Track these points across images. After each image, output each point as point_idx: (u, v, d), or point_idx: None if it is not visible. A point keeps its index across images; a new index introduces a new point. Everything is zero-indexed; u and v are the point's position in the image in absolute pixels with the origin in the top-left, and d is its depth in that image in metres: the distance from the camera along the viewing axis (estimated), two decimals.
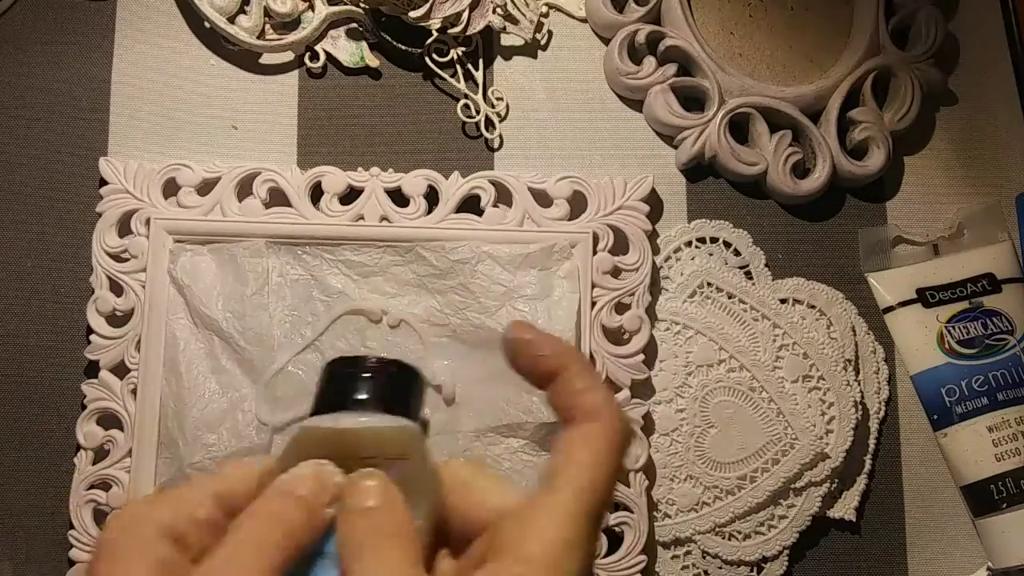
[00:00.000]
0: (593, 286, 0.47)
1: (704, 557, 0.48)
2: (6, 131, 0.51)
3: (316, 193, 0.49)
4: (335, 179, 0.48)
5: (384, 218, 0.48)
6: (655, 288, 0.49)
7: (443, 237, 0.47)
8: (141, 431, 0.46)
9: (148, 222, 0.47)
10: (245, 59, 0.51)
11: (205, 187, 0.48)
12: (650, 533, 0.48)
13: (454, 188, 0.48)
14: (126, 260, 0.48)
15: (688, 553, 0.48)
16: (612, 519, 0.47)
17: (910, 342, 0.50)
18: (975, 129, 0.53)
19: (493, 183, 0.49)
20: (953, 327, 0.50)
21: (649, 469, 0.48)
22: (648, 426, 0.48)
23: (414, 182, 0.49)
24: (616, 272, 0.48)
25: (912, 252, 0.52)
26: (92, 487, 0.46)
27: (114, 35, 0.51)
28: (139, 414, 0.46)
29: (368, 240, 0.48)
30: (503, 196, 0.49)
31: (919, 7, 0.52)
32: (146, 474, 0.46)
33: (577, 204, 0.49)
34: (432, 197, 0.49)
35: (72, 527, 0.46)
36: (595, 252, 0.48)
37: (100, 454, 0.47)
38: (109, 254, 0.48)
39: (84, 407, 0.47)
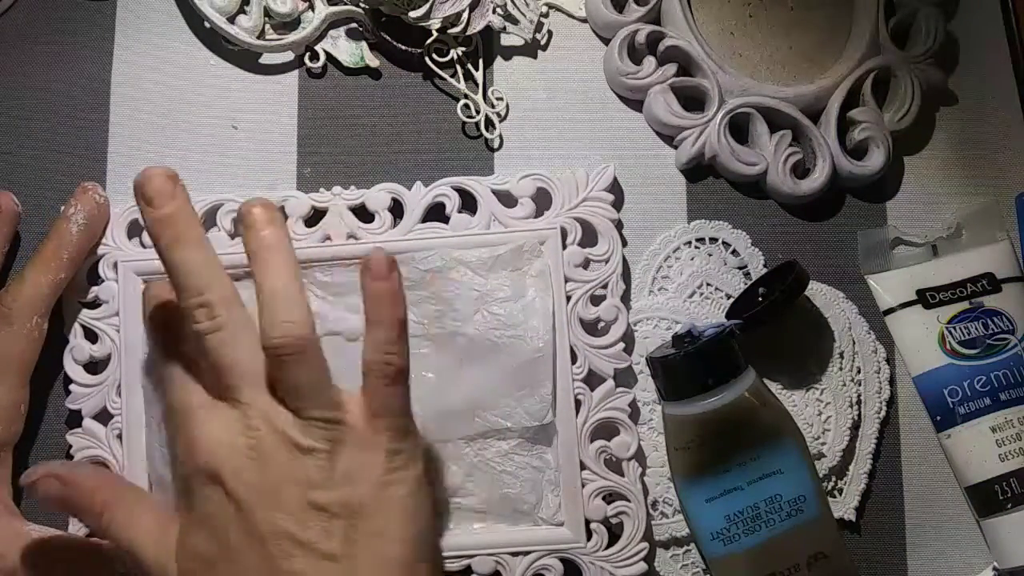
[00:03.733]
0: (566, 280, 0.47)
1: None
2: (6, 131, 0.51)
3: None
4: (298, 203, 0.48)
5: (351, 236, 0.48)
6: (627, 276, 0.49)
7: (412, 248, 0.48)
8: (131, 475, 0.46)
9: (115, 266, 0.47)
10: (245, 59, 0.52)
11: None
12: (648, 531, 0.48)
13: (418, 198, 0.48)
14: (97, 307, 0.48)
15: (688, 552, 0.48)
16: (610, 510, 0.47)
17: (911, 343, 0.50)
18: (975, 129, 0.53)
19: (456, 189, 0.49)
20: (954, 328, 0.50)
21: (641, 459, 0.48)
22: (634, 414, 0.48)
23: (377, 197, 0.49)
24: (587, 264, 0.48)
25: (911, 253, 0.51)
26: (89, 536, 0.46)
27: (114, 35, 0.51)
28: (127, 458, 0.46)
29: (337, 259, 0.48)
30: (470, 201, 0.49)
31: (919, 7, 0.52)
32: None
33: (542, 201, 0.49)
34: (397, 210, 0.49)
35: None
36: (564, 247, 0.48)
37: None
38: (80, 302, 0.48)
39: (71, 457, 0.47)
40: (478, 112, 0.51)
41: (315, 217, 0.49)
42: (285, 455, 0.37)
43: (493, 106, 0.51)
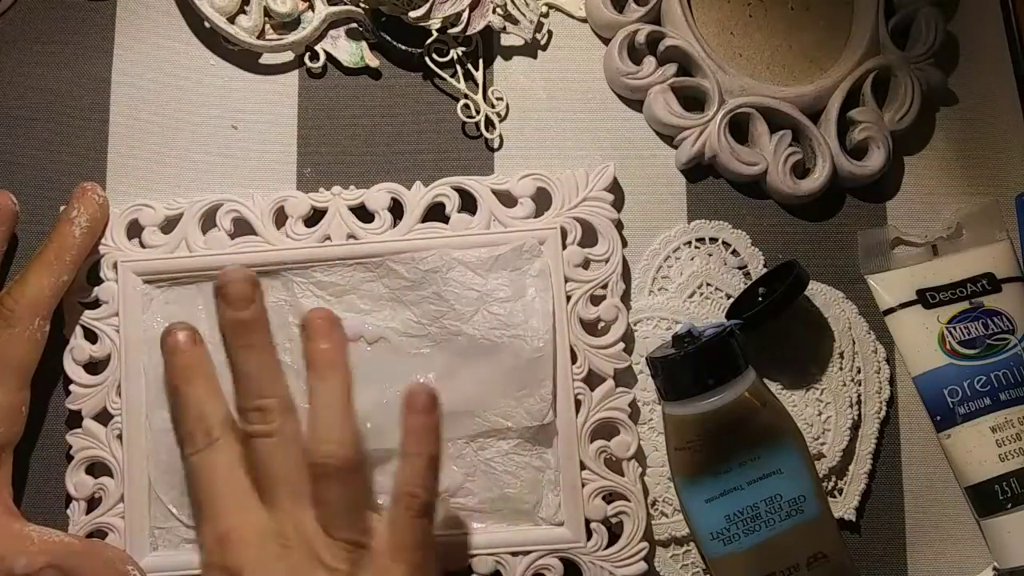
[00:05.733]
0: (566, 280, 0.47)
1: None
2: (6, 131, 0.51)
3: (281, 218, 0.49)
4: (298, 203, 0.48)
5: (351, 236, 0.48)
6: (627, 276, 0.50)
7: (411, 248, 0.48)
8: (131, 475, 0.46)
9: (115, 266, 0.47)
10: (245, 59, 0.52)
11: (168, 225, 0.48)
12: (647, 531, 0.48)
13: (418, 198, 0.48)
14: (97, 307, 0.48)
15: (688, 552, 0.48)
16: (610, 510, 0.47)
17: (911, 343, 0.50)
18: (975, 129, 0.53)
19: (456, 189, 0.49)
20: (954, 328, 0.50)
21: (641, 459, 0.48)
22: (634, 414, 0.48)
23: (377, 197, 0.49)
24: (587, 264, 0.48)
25: (911, 253, 0.51)
26: (89, 536, 0.46)
27: (114, 35, 0.51)
28: (127, 458, 0.47)
29: (337, 259, 0.48)
30: (469, 201, 0.49)
31: (919, 7, 0.52)
32: (140, 518, 0.46)
33: (542, 201, 0.49)
34: (397, 210, 0.49)
35: None
36: (564, 247, 0.48)
37: (93, 503, 0.47)
38: (80, 303, 0.48)
39: (71, 458, 0.47)
40: (478, 112, 0.51)
41: (315, 217, 0.49)
42: (308, 568, 0.38)
43: (493, 106, 0.51)
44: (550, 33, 0.53)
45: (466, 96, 0.51)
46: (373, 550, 0.39)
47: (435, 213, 0.49)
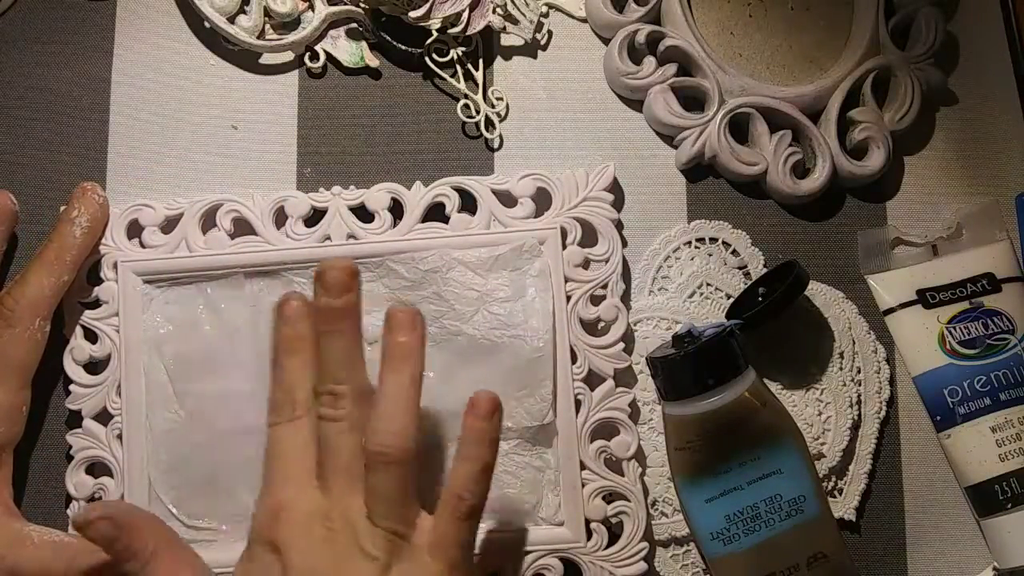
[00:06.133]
0: (566, 280, 0.47)
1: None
2: (6, 131, 0.51)
3: (281, 218, 0.49)
4: (298, 203, 0.48)
5: (351, 236, 0.48)
6: (627, 276, 0.50)
7: (411, 248, 0.48)
8: (131, 475, 0.46)
9: (115, 266, 0.47)
10: (245, 59, 0.52)
11: (168, 225, 0.48)
12: (647, 531, 0.48)
13: (418, 198, 0.48)
14: (97, 307, 0.48)
15: (688, 552, 0.48)
16: (610, 510, 0.47)
17: (911, 343, 0.50)
18: (975, 129, 0.53)
19: (456, 189, 0.49)
20: (954, 328, 0.50)
21: (641, 459, 0.48)
22: (634, 414, 0.48)
23: (377, 197, 0.49)
24: (587, 264, 0.48)
25: (911, 253, 0.51)
26: None
27: (114, 35, 0.51)
28: (127, 458, 0.47)
29: None
30: (469, 201, 0.49)
31: (919, 7, 0.52)
32: None
33: (542, 201, 0.49)
34: (397, 210, 0.49)
35: None
36: (564, 247, 0.48)
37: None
38: (80, 303, 0.48)
39: (71, 458, 0.47)
40: (478, 112, 0.51)
41: (315, 217, 0.49)
42: (348, 553, 0.39)
43: (493, 106, 0.51)
44: (550, 33, 0.53)
45: (466, 96, 0.51)
46: (414, 544, 0.40)
47: (435, 213, 0.49)
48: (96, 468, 0.47)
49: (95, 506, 0.39)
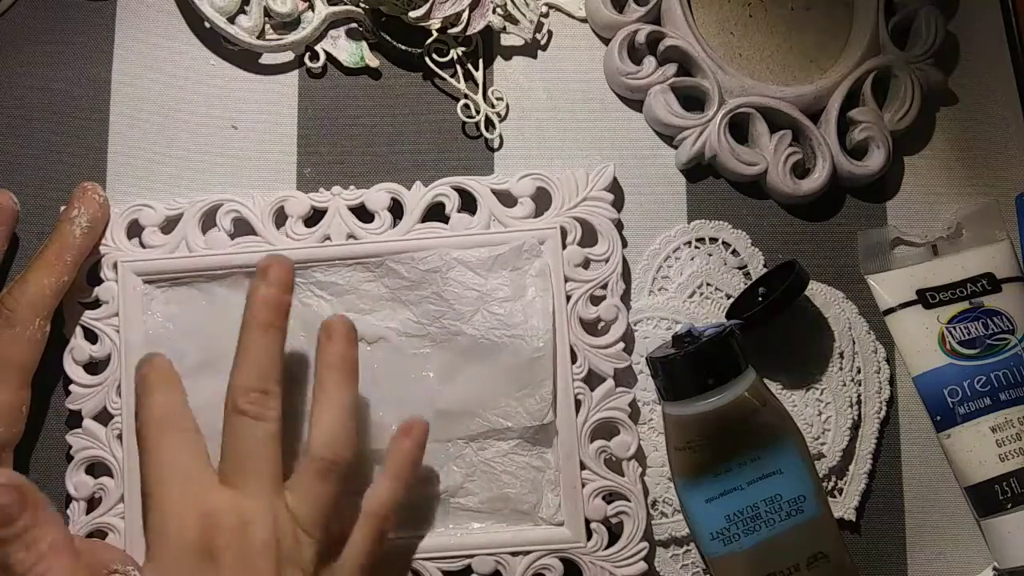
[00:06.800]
0: (566, 280, 0.47)
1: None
2: (6, 131, 0.51)
3: (281, 218, 0.49)
4: (298, 203, 0.48)
5: (351, 236, 0.48)
6: (627, 276, 0.50)
7: (411, 248, 0.48)
8: (131, 475, 0.46)
9: (115, 266, 0.47)
10: (245, 59, 0.52)
11: (168, 225, 0.48)
12: (648, 531, 0.48)
13: (418, 198, 0.48)
14: (97, 307, 0.48)
15: (688, 552, 0.48)
16: (610, 510, 0.47)
17: (911, 343, 0.50)
18: (975, 129, 0.53)
19: (456, 189, 0.49)
20: (954, 328, 0.50)
21: (641, 459, 0.48)
22: (634, 414, 0.48)
23: (377, 197, 0.49)
24: (587, 264, 0.48)
25: (911, 253, 0.51)
26: (89, 536, 0.46)
27: (114, 35, 0.52)
28: (127, 458, 0.46)
29: (337, 259, 0.48)
30: (469, 201, 0.49)
31: (919, 7, 0.52)
32: (140, 518, 0.46)
33: (542, 201, 0.49)
34: (397, 210, 0.49)
35: None
36: (564, 247, 0.48)
37: (93, 503, 0.47)
38: (80, 303, 0.48)
39: (71, 458, 0.47)
40: (478, 112, 0.51)
41: (315, 217, 0.49)
42: (284, 562, 0.38)
43: (493, 106, 0.51)
44: (550, 33, 0.53)
45: (466, 96, 0.51)
46: (337, 557, 0.40)
47: (435, 213, 0.49)
48: (96, 468, 0.47)
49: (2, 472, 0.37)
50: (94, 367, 0.48)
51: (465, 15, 0.50)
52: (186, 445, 0.40)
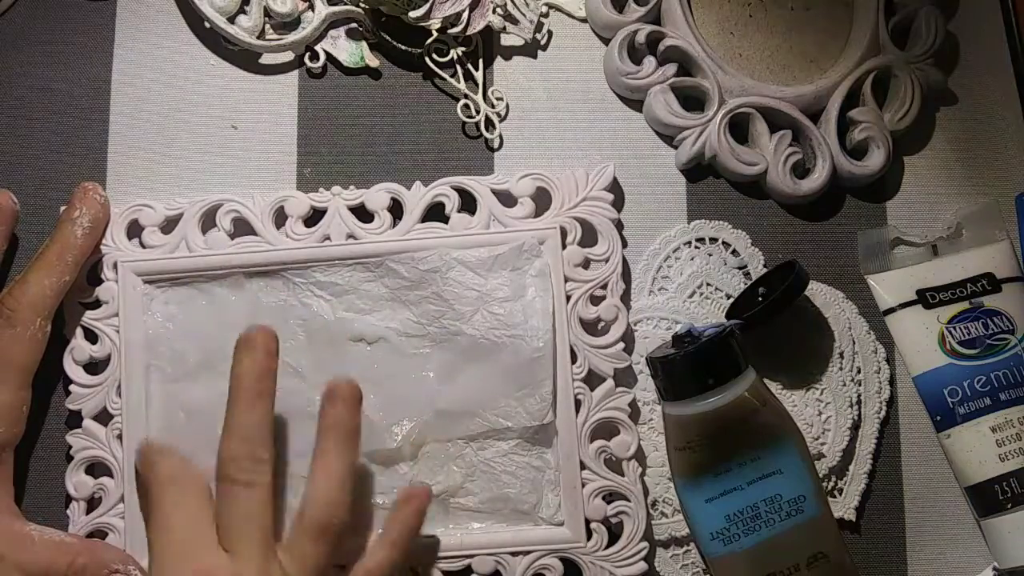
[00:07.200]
0: (566, 280, 0.47)
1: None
2: (6, 131, 0.51)
3: (281, 218, 0.49)
4: (298, 203, 0.48)
5: (350, 236, 0.48)
6: (627, 276, 0.50)
7: (411, 248, 0.48)
8: (131, 476, 0.46)
9: (115, 266, 0.47)
10: (245, 59, 0.52)
11: (168, 225, 0.48)
12: (648, 531, 0.48)
13: (418, 198, 0.48)
14: (98, 307, 0.48)
15: (688, 552, 0.48)
16: (610, 510, 0.47)
17: (911, 343, 0.50)
18: (975, 129, 0.53)
19: (456, 189, 0.49)
20: (954, 328, 0.50)
21: (641, 459, 0.48)
22: (634, 414, 0.48)
23: (376, 197, 0.49)
24: (587, 264, 0.48)
25: (911, 253, 0.51)
26: (89, 536, 0.46)
27: (114, 35, 0.52)
28: (127, 458, 0.46)
29: (336, 259, 0.48)
30: (469, 201, 0.49)
31: (919, 7, 0.52)
32: (141, 519, 0.46)
33: (542, 201, 0.49)
34: (396, 210, 0.49)
35: None
36: (564, 246, 0.48)
37: (93, 503, 0.47)
38: (80, 303, 0.48)
39: (71, 458, 0.47)
40: (478, 112, 0.51)
41: (315, 217, 0.49)
42: None
43: (493, 106, 0.51)
44: (550, 33, 0.53)
45: (466, 96, 0.51)
46: None
47: (435, 213, 0.49)
48: (96, 468, 0.47)
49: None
50: (94, 367, 0.48)
51: (465, 15, 0.50)
52: (190, 505, 0.41)
